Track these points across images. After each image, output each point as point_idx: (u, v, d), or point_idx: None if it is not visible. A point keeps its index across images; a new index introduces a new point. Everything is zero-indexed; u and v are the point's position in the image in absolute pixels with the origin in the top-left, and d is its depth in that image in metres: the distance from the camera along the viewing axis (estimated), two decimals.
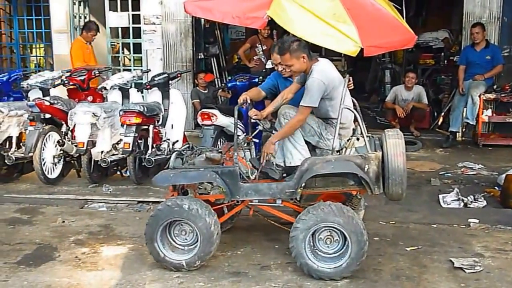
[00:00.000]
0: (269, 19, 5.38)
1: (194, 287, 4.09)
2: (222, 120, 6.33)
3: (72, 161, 7.02)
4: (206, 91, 9.68)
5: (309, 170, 4.26)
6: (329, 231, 4.23)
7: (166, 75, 7.36)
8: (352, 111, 4.65)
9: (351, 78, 5.03)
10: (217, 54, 10.99)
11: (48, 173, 6.63)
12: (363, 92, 11.93)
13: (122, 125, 6.48)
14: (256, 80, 7.44)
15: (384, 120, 10.12)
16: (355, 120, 4.82)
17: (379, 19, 5.79)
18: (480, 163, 7.68)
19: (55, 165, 6.77)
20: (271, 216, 4.85)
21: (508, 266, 4.42)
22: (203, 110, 6.34)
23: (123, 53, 10.35)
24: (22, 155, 6.58)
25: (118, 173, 7.14)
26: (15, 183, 6.88)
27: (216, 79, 10.87)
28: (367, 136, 4.61)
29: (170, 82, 7.43)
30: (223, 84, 7.54)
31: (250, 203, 4.65)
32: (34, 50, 11.86)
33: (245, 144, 4.96)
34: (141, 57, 9.99)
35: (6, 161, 6.51)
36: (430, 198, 6.24)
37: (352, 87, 5.16)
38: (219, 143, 6.51)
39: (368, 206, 5.69)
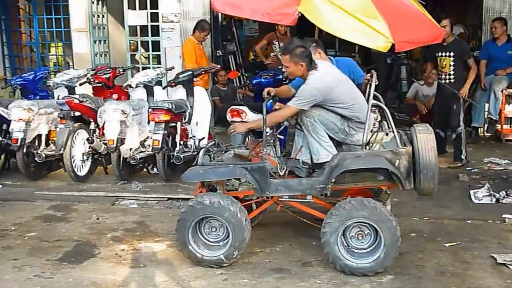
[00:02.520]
0: (300, 15, 5.40)
1: (239, 283, 4.10)
2: (251, 117, 6.33)
3: (100, 159, 7.04)
4: (225, 89, 9.70)
5: (339, 165, 4.25)
6: (358, 227, 4.23)
7: (190, 72, 7.37)
8: (381, 106, 4.67)
9: (375, 74, 5.00)
10: (234, 51, 10.98)
11: (77, 171, 6.65)
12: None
13: (149, 122, 6.51)
14: (281, 76, 7.43)
15: (403, 116, 10.08)
16: (383, 115, 4.82)
17: (408, 14, 5.80)
18: (505, 158, 7.66)
19: (84, 162, 6.79)
20: (298, 212, 4.85)
21: None
22: (232, 107, 6.34)
23: (140, 51, 10.39)
24: (52, 152, 6.63)
25: (145, 170, 7.17)
26: (44, 180, 6.92)
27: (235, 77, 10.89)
28: (386, 132, 4.63)
29: (194, 79, 7.45)
30: (247, 81, 7.51)
31: (280, 199, 4.65)
32: (52, 49, 11.86)
33: (271, 141, 4.96)
34: (159, 55, 9.99)
35: (36, 158, 6.55)
36: (461, 194, 6.22)
37: (377, 82, 5.13)
38: (247, 139, 6.51)
39: (400, 202, 5.72)
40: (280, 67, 9.57)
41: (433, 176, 4.20)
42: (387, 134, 4.61)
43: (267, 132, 6.12)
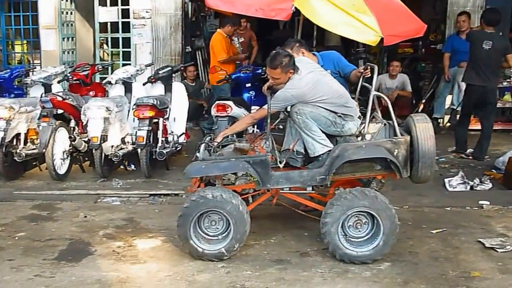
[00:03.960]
0: (295, 10, 5.50)
1: (243, 275, 4.18)
2: (236, 111, 6.41)
3: (78, 157, 6.97)
4: (193, 84, 9.74)
5: (341, 156, 4.38)
6: (356, 216, 4.37)
7: (169, 68, 7.37)
8: (383, 97, 4.87)
9: (368, 66, 5.18)
10: (202, 47, 11.00)
11: (58, 169, 6.57)
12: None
13: (134, 119, 6.49)
14: (260, 71, 7.53)
15: (362, 109, 10.31)
16: (373, 106, 4.97)
17: (393, 8, 5.99)
18: (468, 147, 7.97)
19: (64, 161, 6.70)
20: (293, 205, 4.99)
21: None
22: (218, 102, 6.40)
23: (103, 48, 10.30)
24: (32, 151, 6.51)
25: (122, 167, 7.13)
26: (21, 180, 6.79)
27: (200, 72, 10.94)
28: (383, 123, 4.79)
29: (173, 75, 7.46)
30: (227, 76, 7.58)
31: (281, 191, 4.75)
32: (17, 47, 11.58)
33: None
34: (130, 51, 9.92)
35: (16, 158, 6.41)
36: (435, 182, 6.40)
37: (369, 75, 5.29)
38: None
39: None
40: (238, 62, 9.81)
41: (431, 164, 4.39)
42: (385, 125, 4.74)
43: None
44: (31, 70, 8.14)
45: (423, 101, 10.13)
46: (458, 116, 9.16)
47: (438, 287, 3.99)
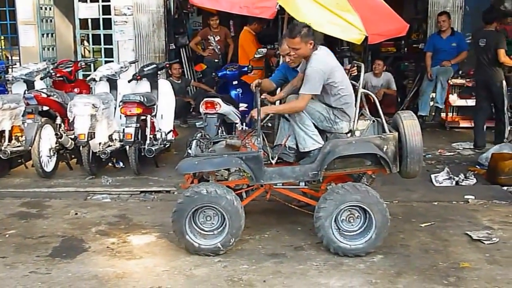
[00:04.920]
0: (279, 8, 5.55)
1: (240, 269, 4.22)
2: (225, 108, 6.43)
3: (65, 154, 6.92)
4: (179, 82, 9.72)
5: (332, 152, 4.46)
6: (349, 211, 4.45)
7: (155, 65, 7.35)
8: (370, 95, 4.94)
9: (355, 65, 5.28)
10: (186, 44, 10.99)
11: (44, 167, 6.51)
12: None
13: (121, 116, 6.46)
14: (245, 69, 7.58)
15: None
16: (361, 104, 5.06)
17: (376, 8, 6.08)
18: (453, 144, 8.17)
19: (50, 158, 6.65)
20: (286, 200, 5.04)
21: None
22: (206, 99, 6.42)
23: (86, 44, 10.21)
24: (17, 148, 6.46)
25: (111, 164, 7.11)
26: (6, 177, 6.70)
27: (186, 70, 10.93)
28: (371, 120, 4.88)
29: (158, 72, 7.45)
30: (214, 74, 7.60)
31: (274, 186, 4.81)
32: None
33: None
34: (111, 48, 9.86)
35: (1, 155, 6.33)
36: (422, 178, 6.50)
37: (356, 73, 5.39)
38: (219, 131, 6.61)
39: None
40: (216, 60, 9.85)
41: (419, 159, 4.50)
42: (373, 122, 4.84)
43: (236, 123, 6.28)
44: (11, 66, 8.03)
45: (408, 99, 10.33)
46: (441, 113, 9.42)
47: (429, 278, 4.08)
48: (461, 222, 5.19)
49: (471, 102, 8.96)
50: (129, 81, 7.22)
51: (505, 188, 6.18)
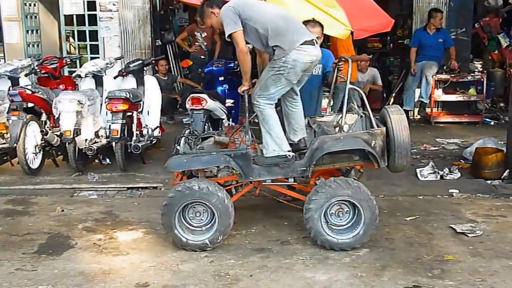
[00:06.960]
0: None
1: (226, 264, 4.24)
2: (211, 104, 6.43)
3: (51, 151, 6.90)
4: (166, 78, 9.70)
5: (320, 148, 4.48)
6: (339, 205, 4.48)
7: (140, 61, 7.34)
8: (357, 89, 4.98)
9: (350, 60, 5.28)
10: (172, 40, 10.98)
11: (30, 164, 6.48)
12: None
13: (107, 112, 6.45)
14: (232, 64, 7.58)
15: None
16: (349, 98, 5.07)
17: (361, 3, 6.13)
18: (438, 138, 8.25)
19: (36, 155, 6.62)
20: (272, 193, 5.08)
21: (502, 229, 4.90)
22: (192, 95, 6.39)
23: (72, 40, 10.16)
24: (1, 146, 6.42)
25: (97, 161, 7.09)
26: None
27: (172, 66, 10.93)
28: (358, 114, 4.90)
29: (144, 68, 7.44)
30: (199, 70, 7.60)
31: (264, 182, 4.81)
32: None
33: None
34: (97, 44, 9.81)
35: None
36: (408, 172, 6.53)
37: (343, 68, 5.39)
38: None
39: None
40: (202, 56, 9.83)
41: (406, 153, 4.52)
42: (361, 116, 4.85)
43: (222, 119, 6.28)
44: None
45: (393, 94, 10.39)
46: (426, 108, 9.50)
47: (414, 271, 4.12)
48: (445, 215, 5.25)
49: (455, 98, 9.06)
50: (115, 78, 7.19)
51: (488, 182, 6.25)
